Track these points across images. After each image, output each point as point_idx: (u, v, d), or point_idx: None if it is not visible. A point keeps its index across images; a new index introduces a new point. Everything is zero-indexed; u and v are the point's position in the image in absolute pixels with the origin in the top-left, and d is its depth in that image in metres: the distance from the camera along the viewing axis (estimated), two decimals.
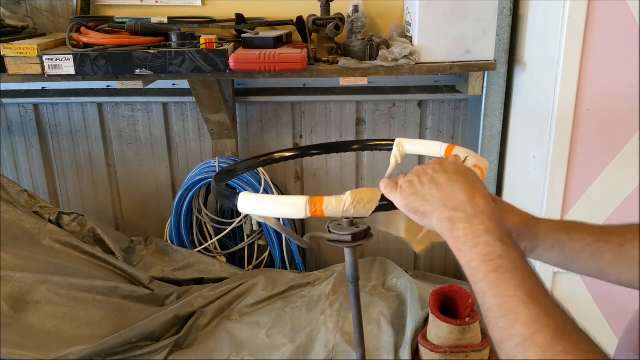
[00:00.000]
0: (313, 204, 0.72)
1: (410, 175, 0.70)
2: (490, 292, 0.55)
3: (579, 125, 1.37)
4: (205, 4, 1.74)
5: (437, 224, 0.64)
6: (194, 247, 1.97)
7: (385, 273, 1.87)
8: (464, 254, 0.60)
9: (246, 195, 0.77)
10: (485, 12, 1.51)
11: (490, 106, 1.68)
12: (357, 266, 0.97)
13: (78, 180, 2.11)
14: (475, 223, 0.61)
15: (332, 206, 0.72)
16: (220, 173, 0.96)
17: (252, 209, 0.76)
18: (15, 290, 1.45)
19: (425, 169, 0.69)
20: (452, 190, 0.65)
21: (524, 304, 0.52)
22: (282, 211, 0.75)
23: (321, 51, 1.60)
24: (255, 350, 1.53)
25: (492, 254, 0.57)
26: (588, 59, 1.32)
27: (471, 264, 0.59)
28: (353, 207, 0.71)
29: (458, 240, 0.61)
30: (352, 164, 2.05)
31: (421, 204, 0.66)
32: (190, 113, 2.00)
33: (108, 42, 1.48)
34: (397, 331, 1.57)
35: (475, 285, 0.58)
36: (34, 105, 2.01)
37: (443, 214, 0.64)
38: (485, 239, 0.59)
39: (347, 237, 0.86)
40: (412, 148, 1.03)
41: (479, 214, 0.62)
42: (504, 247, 0.58)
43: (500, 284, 0.55)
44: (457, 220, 0.62)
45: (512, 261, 0.57)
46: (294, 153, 1.09)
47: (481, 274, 0.57)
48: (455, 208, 0.63)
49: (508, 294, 0.54)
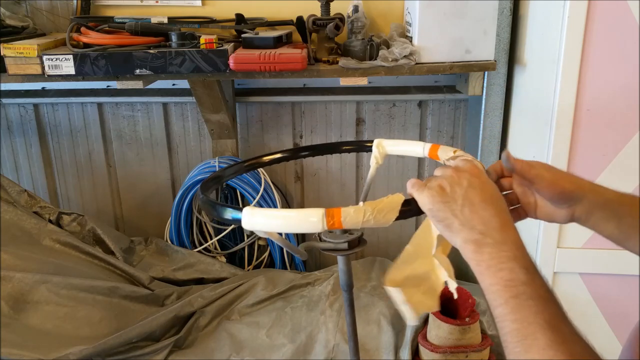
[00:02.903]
0: (330, 217, 0.67)
1: (442, 179, 0.67)
2: (509, 317, 0.56)
3: (579, 125, 1.37)
4: (205, 4, 1.74)
5: (461, 244, 0.63)
6: (194, 247, 1.97)
7: (385, 273, 1.87)
8: (486, 277, 0.60)
9: (252, 211, 0.69)
10: (485, 12, 1.51)
11: (490, 106, 1.68)
12: (351, 274, 0.94)
13: (78, 180, 2.11)
14: (503, 249, 0.60)
15: (350, 217, 0.67)
16: (206, 181, 0.89)
17: (260, 226, 0.69)
18: (15, 290, 1.45)
19: (461, 179, 0.66)
20: (484, 214, 0.63)
21: (542, 330, 0.53)
22: (295, 226, 0.68)
23: (321, 51, 1.60)
24: (255, 350, 1.53)
25: (515, 279, 0.57)
26: (588, 59, 1.32)
27: (492, 288, 0.58)
28: (373, 218, 0.67)
29: (481, 263, 0.60)
30: (352, 164, 2.05)
31: (448, 217, 0.64)
32: (190, 113, 2.00)
33: (108, 42, 1.48)
34: (397, 331, 1.57)
35: (495, 309, 0.58)
36: (34, 105, 2.01)
37: (470, 235, 0.62)
38: (510, 265, 0.59)
39: (343, 245, 0.83)
40: (392, 149, 1.00)
41: (508, 241, 0.61)
42: (528, 275, 0.58)
43: (520, 310, 0.55)
44: (484, 244, 0.61)
45: (535, 289, 0.57)
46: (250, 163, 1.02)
47: (502, 299, 0.57)
48: (484, 233, 0.62)
49: (527, 320, 0.54)
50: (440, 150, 0.90)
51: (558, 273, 1.49)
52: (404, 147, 0.99)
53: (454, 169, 0.69)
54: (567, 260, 1.47)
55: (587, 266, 1.47)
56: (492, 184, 0.68)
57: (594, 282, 1.49)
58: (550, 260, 1.47)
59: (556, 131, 1.38)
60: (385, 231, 2.12)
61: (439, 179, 0.68)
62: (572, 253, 1.46)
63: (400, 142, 1.00)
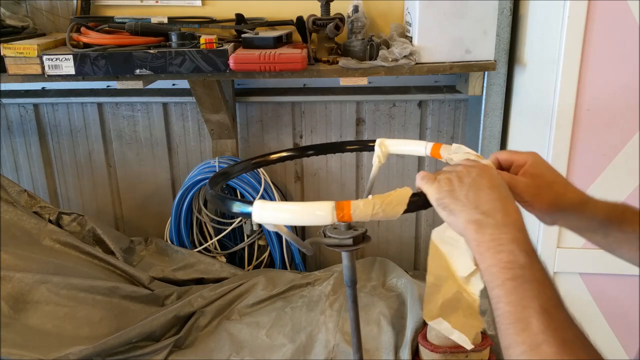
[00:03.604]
0: (340, 209, 0.68)
1: (451, 173, 0.69)
2: (504, 299, 0.56)
3: (579, 125, 1.37)
4: (205, 4, 1.74)
5: (464, 225, 0.63)
6: (194, 247, 1.97)
7: (385, 273, 1.87)
8: (485, 258, 0.60)
9: (263, 205, 0.70)
10: (485, 12, 1.51)
11: (490, 106, 1.68)
12: (355, 270, 0.95)
13: (78, 180, 2.11)
14: (504, 231, 0.61)
15: (360, 210, 0.68)
16: (215, 177, 0.90)
17: (270, 218, 0.70)
18: (15, 290, 1.45)
19: (470, 170, 0.68)
20: (488, 198, 0.64)
21: (536, 314, 0.53)
22: (306, 219, 0.69)
23: (321, 51, 1.60)
24: (255, 350, 1.53)
25: (513, 262, 0.57)
26: (588, 59, 1.32)
27: (491, 269, 0.59)
28: (382, 210, 0.68)
29: (482, 244, 0.61)
30: (352, 164, 2.05)
31: (452, 201, 0.65)
32: (190, 113, 2.00)
33: (108, 42, 1.48)
34: (397, 331, 1.57)
35: (492, 290, 0.58)
36: (34, 105, 2.01)
37: (472, 216, 0.63)
38: (509, 248, 0.59)
39: (348, 241, 0.84)
40: (395, 148, 1.01)
41: (510, 224, 0.61)
42: (527, 258, 0.58)
43: (516, 293, 0.55)
44: (485, 225, 0.62)
45: (533, 273, 0.57)
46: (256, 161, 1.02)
47: (499, 280, 0.57)
48: (486, 213, 0.62)
49: (522, 303, 0.54)
50: (442, 149, 0.91)
51: (558, 273, 1.49)
52: (407, 147, 1.00)
53: (464, 163, 0.70)
54: (567, 260, 1.47)
55: (587, 266, 1.47)
56: (499, 176, 0.69)
57: (594, 282, 1.49)
58: (550, 260, 1.47)
59: (556, 131, 1.38)
60: (386, 231, 2.12)
61: (448, 173, 0.69)
62: (572, 253, 1.47)
63: (403, 142, 1.01)
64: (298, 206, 0.70)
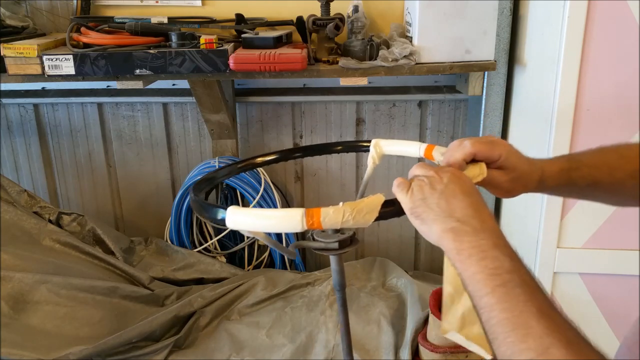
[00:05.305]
0: (310, 216, 0.68)
1: (422, 180, 0.68)
2: (498, 306, 0.54)
3: (579, 125, 1.37)
4: (205, 4, 1.74)
5: (439, 234, 0.62)
6: (194, 247, 1.97)
7: (385, 273, 1.88)
8: (467, 266, 0.58)
9: (235, 210, 0.71)
10: (485, 12, 1.51)
11: (490, 106, 1.68)
12: (344, 273, 0.94)
13: (78, 180, 2.11)
14: (482, 237, 0.60)
15: (330, 218, 0.68)
16: (199, 182, 0.91)
17: (242, 224, 0.70)
18: (15, 290, 1.45)
19: (442, 176, 0.67)
20: (462, 205, 0.63)
21: (536, 318, 0.51)
22: (276, 226, 0.69)
23: (321, 51, 1.60)
24: (255, 350, 1.53)
25: (500, 268, 0.56)
26: (588, 59, 1.32)
27: (476, 277, 0.57)
28: (352, 218, 0.68)
29: (462, 252, 0.59)
30: (352, 164, 2.05)
31: (424, 210, 0.65)
32: (190, 113, 2.00)
33: (108, 42, 1.48)
34: (397, 331, 1.57)
35: (481, 299, 0.56)
36: (34, 105, 2.01)
37: (447, 224, 0.62)
38: (493, 254, 0.58)
39: (334, 245, 0.83)
40: (390, 149, 1.00)
41: (487, 229, 0.61)
42: (512, 262, 0.57)
43: (509, 299, 0.54)
44: (462, 232, 0.61)
45: (521, 277, 0.56)
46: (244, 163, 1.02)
47: (488, 288, 0.56)
48: (461, 220, 0.61)
49: (518, 309, 0.53)
50: (434, 151, 0.91)
51: (558, 273, 1.49)
52: (401, 147, 0.99)
53: (437, 168, 0.70)
54: (567, 260, 1.47)
55: (587, 266, 1.47)
56: (470, 181, 0.68)
57: (594, 282, 1.49)
58: (550, 260, 1.47)
59: (556, 131, 1.38)
60: (386, 231, 2.12)
61: (420, 180, 0.68)
62: (572, 253, 1.46)
63: (397, 142, 1.00)
64: (269, 212, 0.70)
